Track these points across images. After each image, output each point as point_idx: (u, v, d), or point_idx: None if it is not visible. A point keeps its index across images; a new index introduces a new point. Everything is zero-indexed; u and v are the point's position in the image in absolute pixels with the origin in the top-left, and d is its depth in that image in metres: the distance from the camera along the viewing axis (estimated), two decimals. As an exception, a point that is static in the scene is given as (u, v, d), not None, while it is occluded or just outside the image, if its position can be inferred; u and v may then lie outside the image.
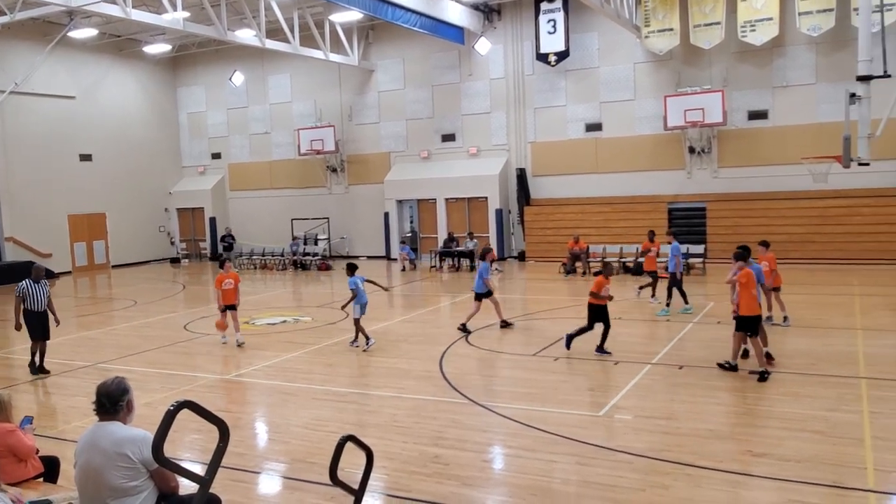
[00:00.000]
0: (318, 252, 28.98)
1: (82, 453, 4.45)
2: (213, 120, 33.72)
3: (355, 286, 12.78)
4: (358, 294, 12.76)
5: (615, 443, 7.69)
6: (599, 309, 11.70)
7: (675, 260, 15.22)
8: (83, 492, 4.47)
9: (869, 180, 21.77)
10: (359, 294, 12.77)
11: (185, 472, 3.69)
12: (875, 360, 10.71)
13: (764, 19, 22.64)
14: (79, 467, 4.47)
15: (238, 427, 8.76)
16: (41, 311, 11.89)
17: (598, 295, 11.67)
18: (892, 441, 7.46)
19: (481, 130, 27.97)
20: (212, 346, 14.03)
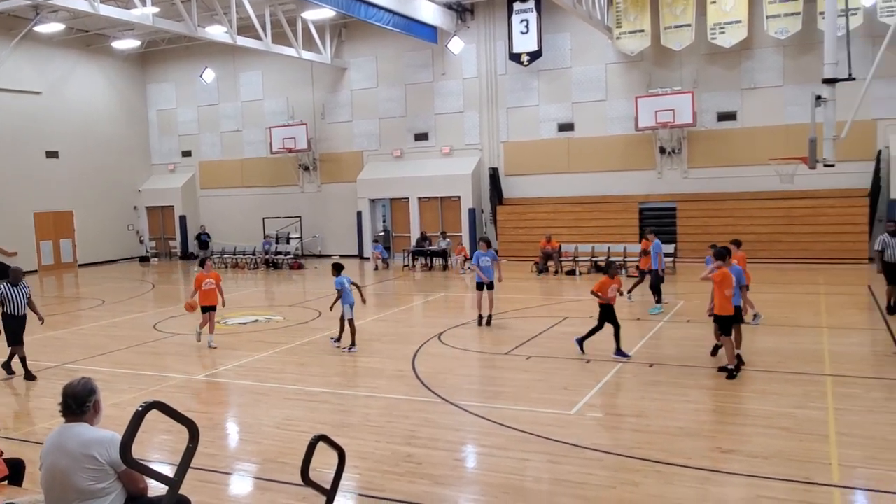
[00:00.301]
0: (291, 251, 28.79)
1: (48, 455, 4.38)
2: (184, 117, 33.35)
3: (341, 286, 12.61)
4: (344, 294, 12.59)
5: (586, 441, 7.75)
6: (608, 308, 11.49)
7: (658, 258, 15.57)
8: (49, 495, 4.40)
9: (834, 181, 22.19)
10: (345, 294, 12.59)
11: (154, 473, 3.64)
12: (840, 358, 10.91)
13: (733, 22, 22.95)
14: (45, 470, 4.40)
15: (209, 427, 8.68)
16: (21, 315, 11.50)
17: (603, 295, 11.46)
18: (856, 437, 7.61)
19: (454, 130, 28.00)
20: (182, 345, 13.88)
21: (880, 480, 6.54)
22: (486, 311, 14.59)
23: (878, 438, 7.54)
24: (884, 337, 12.40)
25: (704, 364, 10.78)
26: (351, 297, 12.70)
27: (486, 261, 14.48)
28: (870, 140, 22.21)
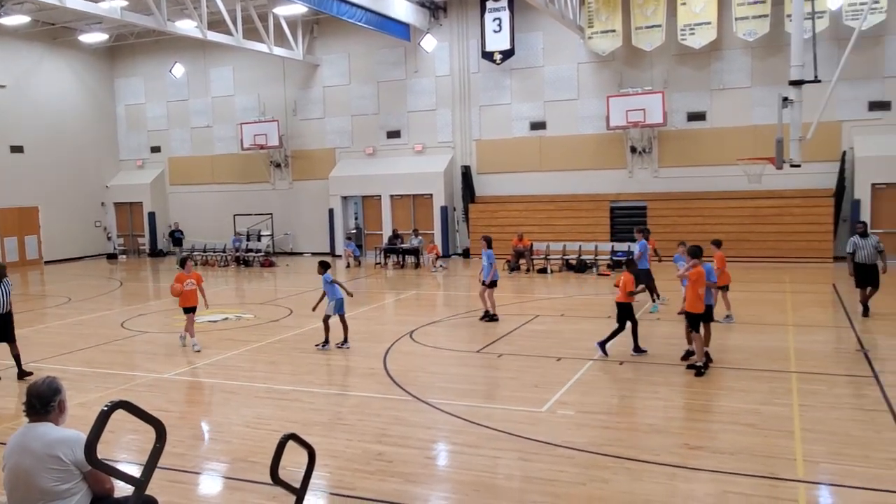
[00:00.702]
0: (262, 248, 28.58)
1: (12, 456, 4.30)
2: (153, 112, 32.91)
3: (332, 277, 12.53)
4: (333, 290, 12.46)
5: (557, 438, 7.80)
6: (626, 307, 11.34)
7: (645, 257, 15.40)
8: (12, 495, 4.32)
9: (800, 181, 22.57)
10: (331, 291, 12.46)
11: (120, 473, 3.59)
12: (805, 356, 11.11)
13: (702, 23, 23.23)
14: (8, 470, 4.32)
15: (177, 427, 8.59)
16: (5, 312, 11.02)
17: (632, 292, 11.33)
18: (820, 433, 7.76)
19: (427, 127, 27.98)
20: (150, 343, 13.71)
21: (843, 475, 6.67)
22: (491, 309, 14.76)
23: (841, 434, 7.69)
24: (847, 335, 12.65)
25: (674, 361, 10.90)
26: (339, 292, 12.54)
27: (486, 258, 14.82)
28: (835, 141, 22.63)
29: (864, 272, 13.87)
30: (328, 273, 12.54)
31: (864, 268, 13.88)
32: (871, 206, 22.00)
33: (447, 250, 27.29)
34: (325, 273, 12.51)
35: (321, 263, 12.72)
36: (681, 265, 11.76)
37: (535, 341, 12.85)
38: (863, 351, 11.32)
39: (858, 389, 9.35)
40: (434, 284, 21.42)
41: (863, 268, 13.89)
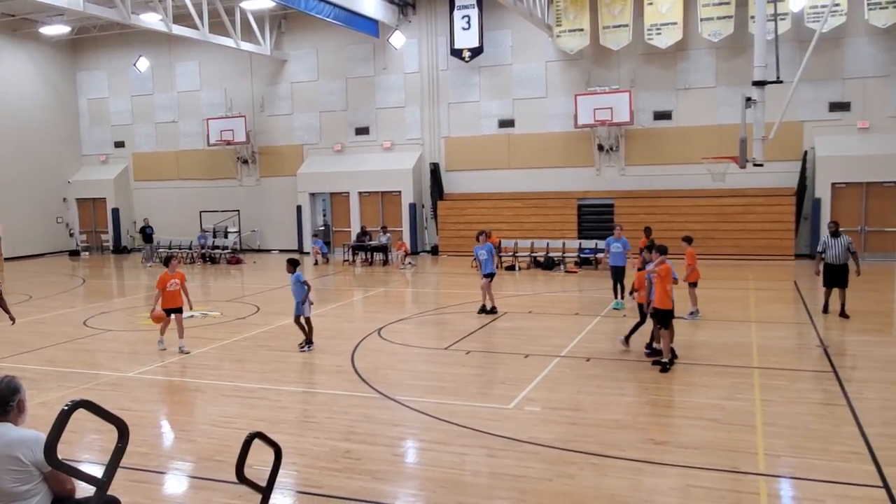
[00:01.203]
0: (228, 245, 28.29)
1: (-31, 457, 4.20)
2: (117, 107, 32.37)
3: (304, 277, 12.16)
4: (299, 291, 12.02)
5: (524, 434, 7.85)
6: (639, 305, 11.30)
7: (625, 254, 15.52)
8: (-30, 497, 4.23)
9: (763, 180, 22.97)
10: (300, 291, 12.01)
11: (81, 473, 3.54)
12: (767, 351, 11.31)
13: (669, 23, 23.50)
14: (-34, 472, 4.22)
15: (141, 426, 8.48)
16: None
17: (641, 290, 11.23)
18: (781, 427, 7.91)
19: (395, 124, 27.92)
20: (114, 342, 13.50)
21: (803, 468, 6.81)
22: (489, 303, 14.97)
23: (801, 428, 7.85)
24: (808, 331, 12.91)
25: (639, 358, 11.03)
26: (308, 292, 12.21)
27: (483, 254, 15.13)
28: (796, 141, 23.07)
29: (833, 272, 13.69)
30: (299, 272, 12.21)
31: (832, 268, 13.69)
32: (832, 205, 22.48)
33: (416, 247, 27.28)
34: (295, 272, 12.15)
35: (290, 261, 12.34)
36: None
37: (503, 338, 12.92)
38: (822, 347, 11.56)
39: (818, 384, 9.55)
40: (402, 282, 21.40)
41: (831, 268, 13.69)
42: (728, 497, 6.23)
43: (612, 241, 15.72)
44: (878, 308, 14.57)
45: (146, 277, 23.88)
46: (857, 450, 7.18)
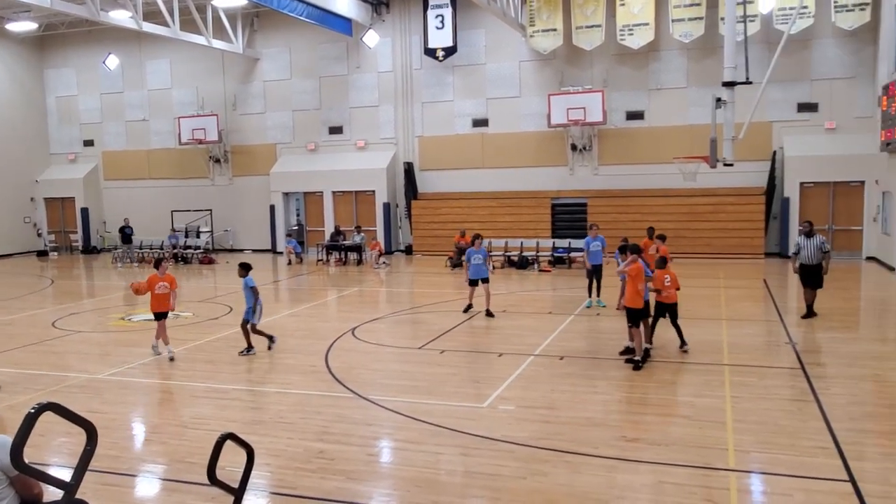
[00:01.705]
0: (201, 245, 28.01)
1: (-67, 462, 4.12)
2: (86, 105, 31.89)
3: (255, 283, 11.64)
4: (250, 297, 11.57)
5: (498, 433, 7.88)
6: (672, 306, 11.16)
7: (601, 252, 15.44)
8: (-66, 503, 4.15)
9: (733, 180, 23.25)
10: (251, 297, 11.58)
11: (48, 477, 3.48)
12: (737, 349, 11.47)
13: (641, 24, 23.70)
14: (-71, 477, 4.14)
15: (111, 428, 8.37)
16: None
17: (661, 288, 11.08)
18: (750, 423, 8.03)
19: (369, 123, 27.85)
20: (83, 343, 13.30)
21: (772, 464, 6.92)
22: (486, 305, 14.61)
23: (770, 424, 7.97)
24: (777, 328, 13.10)
25: (612, 356, 11.12)
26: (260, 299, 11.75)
27: (478, 258, 14.57)
28: (766, 141, 23.39)
29: (806, 272, 13.72)
30: (250, 276, 11.69)
31: (805, 268, 13.71)
32: (800, 204, 22.85)
33: (390, 247, 27.23)
34: (247, 276, 11.66)
35: (242, 265, 11.80)
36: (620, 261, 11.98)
37: (477, 337, 12.95)
38: (791, 344, 11.75)
39: (787, 381, 9.70)
40: (377, 281, 21.35)
41: (805, 268, 13.72)
42: (699, 493, 6.31)
43: (591, 240, 15.62)
44: (845, 305, 14.84)
45: (116, 278, 23.58)
46: (824, 445, 7.31)
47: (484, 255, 14.69)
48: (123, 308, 17.17)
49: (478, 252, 14.63)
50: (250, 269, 11.84)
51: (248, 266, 11.83)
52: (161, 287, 11.71)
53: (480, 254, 14.63)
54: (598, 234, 15.61)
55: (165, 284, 11.76)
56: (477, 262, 14.58)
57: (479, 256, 14.60)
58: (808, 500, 6.13)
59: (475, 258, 14.60)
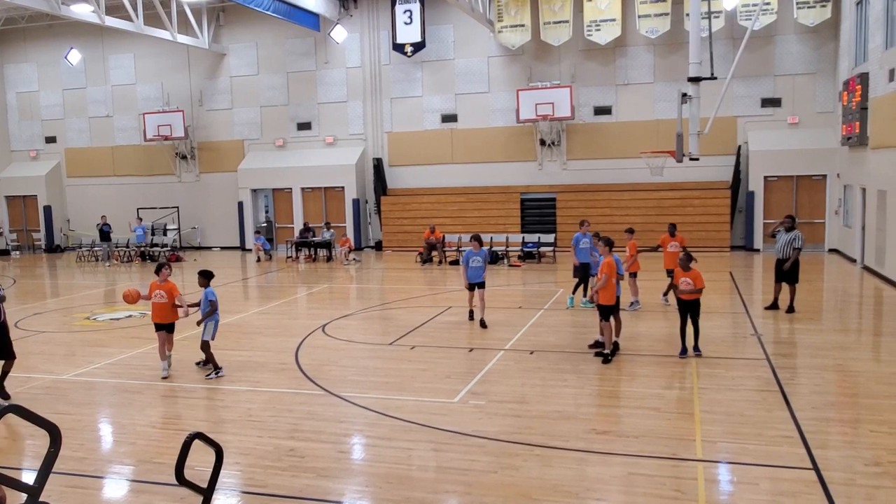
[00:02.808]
0: (168, 243, 27.65)
1: None
2: (47, 101, 31.29)
3: (215, 298, 10.42)
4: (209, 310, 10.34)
5: (469, 428, 7.90)
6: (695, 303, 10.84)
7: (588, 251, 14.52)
8: None
9: (699, 174, 23.56)
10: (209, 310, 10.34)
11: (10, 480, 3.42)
12: (704, 340, 11.59)
13: (608, 20, 23.88)
14: None
15: (77, 430, 8.24)
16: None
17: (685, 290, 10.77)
18: (718, 414, 8.15)
19: (338, 119, 27.71)
20: (47, 344, 13.07)
21: (738, 453, 7.04)
22: (479, 314, 13.34)
23: (736, 414, 8.11)
24: (743, 320, 13.32)
25: (582, 350, 11.21)
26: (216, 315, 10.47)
27: (477, 261, 13.31)
28: (730, 136, 23.74)
29: (777, 266, 13.88)
30: (211, 288, 10.51)
31: (777, 262, 13.88)
32: (765, 198, 23.24)
33: (360, 243, 27.15)
34: (209, 286, 10.48)
35: (203, 274, 10.61)
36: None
37: (448, 333, 12.97)
38: (756, 335, 11.95)
39: (752, 372, 9.86)
40: (347, 278, 21.27)
41: (777, 261, 13.88)
42: (668, 483, 6.40)
43: (580, 236, 14.78)
44: (808, 297, 15.11)
45: (81, 277, 23.19)
46: (788, 434, 7.45)
47: (484, 256, 13.42)
48: (89, 307, 16.89)
49: (477, 254, 13.30)
50: (212, 277, 10.67)
51: (210, 274, 10.67)
52: (158, 296, 10.40)
53: (480, 256, 13.33)
54: (588, 231, 14.92)
55: (162, 293, 10.38)
56: (476, 264, 13.32)
57: (479, 259, 13.31)
58: (773, 488, 6.25)
59: (473, 260, 13.32)
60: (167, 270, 10.64)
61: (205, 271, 10.65)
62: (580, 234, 14.86)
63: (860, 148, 19.14)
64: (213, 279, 10.63)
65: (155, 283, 10.54)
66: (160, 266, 10.68)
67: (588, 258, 14.49)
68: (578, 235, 14.89)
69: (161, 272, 10.56)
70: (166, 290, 10.42)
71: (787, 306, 13.79)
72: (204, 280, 10.52)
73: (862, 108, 18.52)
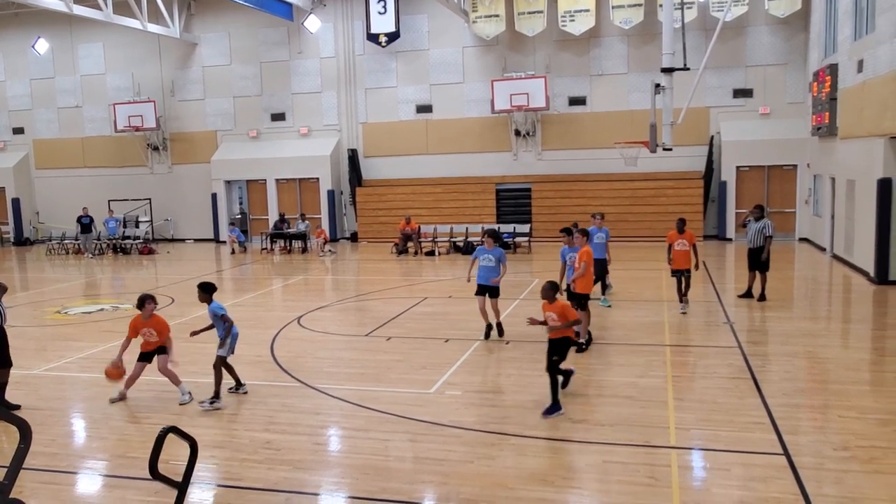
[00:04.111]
0: (140, 235, 27.32)
1: None
2: (14, 91, 30.68)
3: (225, 310, 8.97)
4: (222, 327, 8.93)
5: (445, 418, 7.93)
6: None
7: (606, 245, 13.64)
8: None
9: (673, 164, 23.75)
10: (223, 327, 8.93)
11: (-19, 477, 3.38)
12: (678, 329, 11.77)
13: (582, 10, 23.93)
14: None
15: (48, 425, 8.15)
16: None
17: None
18: (690, 401, 8.26)
19: (312, 110, 27.52)
20: (18, 338, 12.82)
21: (711, 440, 7.14)
22: (493, 319, 11.57)
23: (709, 402, 8.22)
24: (716, 309, 13.49)
25: (557, 339, 11.26)
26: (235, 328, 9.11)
27: (489, 259, 11.31)
28: (703, 126, 23.95)
29: (749, 254, 14.08)
30: (217, 302, 9.01)
31: (749, 251, 14.08)
32: (737, 188, 23.50)
33: (335, 234, 27.04)
34: (212, 301, 8.94)
35: (203, 287, 9.03)
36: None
37: (424, 323, 12.98)
38: (729, 323, 12.11)
39: (724, 359, 9.99)
40: (322, 269, 21.18)
41: (749, 251, 14.08)
42: (642, 470, 6.47)
43: (595, 230, 13.44)
44: (779, 286, 15.32)
45: (51, 270, 22.85)
46: (759, 420, 7.57)
47: (499, 257, 11.37)
48: (60, 300, 16.65)
49: (490, 252, 11.37)
50: (214, 290, 9.05)
51: (212, 287, 9.03)
52: (147, 334, 8.95)
53: (493, 254, 11.35)
54: (603, 225, 13.72)
55: (152, 331, 8.93)
56: (488, 263, 11.35)
57: (491, 258, 11.36)
58: (745, 473, 6.35)
59: (485, 258, 11.39)
60: (151, 304, 8.89)
61: (205, 284, 9.02)
62: (595, 228, 13.52)
63: (830, 138, 19.41)
64: (215, 292, 9.03)
65: (138, 320, 8.92)
66: (142, 300, 8.88)
67: (603, 253, 13.39)
68: (593, 229, 13.41)
69: (145, 307, 8.84)
70: (155, 327, 8.93)
71: (758, 294, 13.98)
72: (205, 295, 8.95)
73: (831, 99, 18.77)
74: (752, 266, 14.11)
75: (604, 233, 13.67)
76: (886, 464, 6.46)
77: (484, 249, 11.43)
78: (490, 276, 11.32)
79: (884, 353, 10.44)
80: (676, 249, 13.05)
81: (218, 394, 8.79)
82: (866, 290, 15.00)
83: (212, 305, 8.88)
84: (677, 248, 13.05)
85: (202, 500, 6.25)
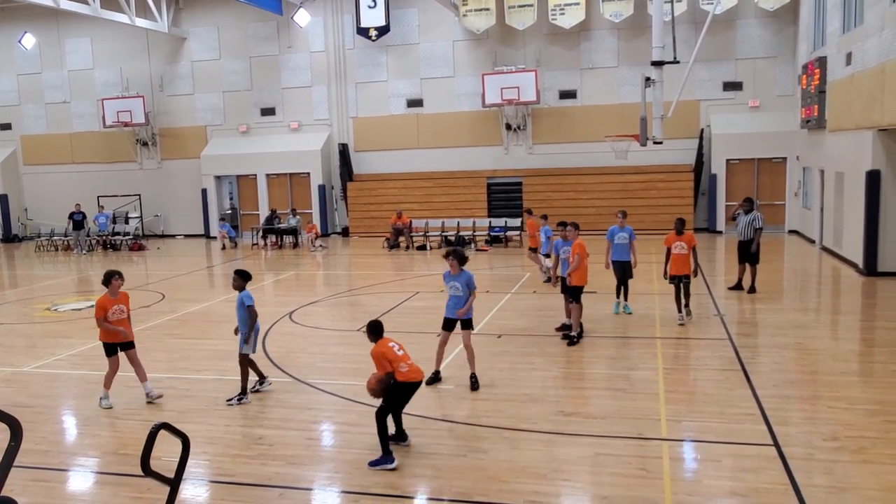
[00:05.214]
0: (130, 231, 27.18)
1: None
2: (1, 87, 30.42)
3: (253, 302, 8.70)
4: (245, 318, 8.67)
5: (437, 412, 7.94)
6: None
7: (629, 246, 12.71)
8: None
9: (663, 157, 23.82)
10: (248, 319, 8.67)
11: (-28, 476, 3.36)
12: (669, 322, 11.80)
13: (572, 4, 23.91)
14: None
15: (39, 423, 8.11)
16: None
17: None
18: (681, 393, 8.30)
19: (302, 105, 27.42)
20: (7, 335, 12.80)
21: (702, 431, 7.18)
22: (470, 369, 9.04)
23: (699, 393, 8.26)
24: (706, 301, 13.54)
25: (549, 333, 11.30)
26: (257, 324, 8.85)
27: (455, 287, 9.05)
28: (693, 119, 24.00)
29: (739, 247, 14.18)
30: (247, 291, 8.71)
31: (739, 244, 14.18)
32: (727, 181, 23.57)
33: (326, 229, 26.98)
34: (244, 289, 8.71)
35: (240, 274, 8.79)
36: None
37: (416, 317, 12.98)
38: (719, 315, 12.16)
39: (715, 351, 10.04)
40: (314, 264, 21.15)
41: (739, 244, 14.18)
42: (634, 462, 6.50)
43: (617, 230, 12.62)
44: (769, 278, 15.39)
45: (40, 267, 22.72)
46: (750, 411, 7.62)
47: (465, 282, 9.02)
48: (49, 297, 16.56)
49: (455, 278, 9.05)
50: (249, 278, 8.86)
51: (248, 275, 8.84)
52: (116, 311, 8.65)
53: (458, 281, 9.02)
54: (626, 225, 12.63)
55: (122, 308, 8.72)
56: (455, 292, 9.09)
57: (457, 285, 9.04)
58: (736, 464, 6.39)
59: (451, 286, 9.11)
60: (119, 280, 8.62)
61: (241, 271, 8.78)
62: (616, 227, 12.61)
63: (819, 131, 19.49)
64: (250, 281, 8.86)
65: (106, 298, 8.57)
66: (109, 277, 8.55)
67: (627, 255, 12.53)
68: (615, 228, 12.63)
69: (111, 283, 8.55)
70: (124, 301, 8.72)
71: (748, 286, 14.05)
72: (240, 281, 8.70)
73: (820, 92, 18.84)
74: (742, 258, 14.21)
75: (626, 232, 12.54)
76: (875, 454, 6.51)
77: (449, 275, 9.10)
78: (458, 306, 8.99)
79: (872, 344, 10.53)
80: (675, 253, 11.82)
81: (245, 390, 8.66)
82: (855, 282, 15.09)
83: (243, 293, 8.65)
84: (675, 252, 11.80)
85: (195, 497, 6.24)
